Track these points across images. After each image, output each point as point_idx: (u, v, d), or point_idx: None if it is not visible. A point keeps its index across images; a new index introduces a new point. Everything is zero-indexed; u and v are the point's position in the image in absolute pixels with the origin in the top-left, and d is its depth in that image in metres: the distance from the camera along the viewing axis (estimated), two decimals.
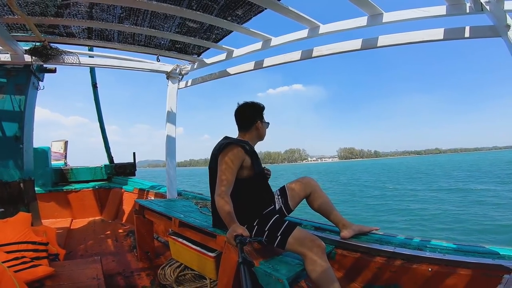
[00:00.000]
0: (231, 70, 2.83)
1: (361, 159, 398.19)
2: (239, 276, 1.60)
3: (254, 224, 1.69)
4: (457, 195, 16.03)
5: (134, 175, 5.02)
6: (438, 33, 1.60)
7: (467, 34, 1.50)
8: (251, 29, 2.23)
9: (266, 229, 1.65)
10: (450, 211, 11.70)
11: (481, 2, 1.31)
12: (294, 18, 1.93)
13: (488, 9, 1.32)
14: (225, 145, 1.72)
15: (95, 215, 4.31)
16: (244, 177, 1.72)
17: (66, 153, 6.37)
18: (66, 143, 6.44)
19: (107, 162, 5.14)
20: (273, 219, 1.69)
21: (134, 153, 5.18)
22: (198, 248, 2.06)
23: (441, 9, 1.51)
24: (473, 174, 30.06)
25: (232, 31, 2.33)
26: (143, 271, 2.36)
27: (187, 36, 2.49)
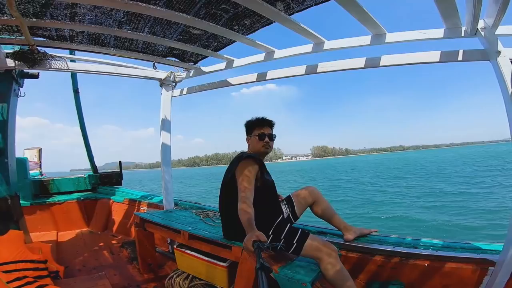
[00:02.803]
0: (232, 80, 2.82)
1: (333, 157, 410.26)
2: (256, 285, 1.66)
3: (270, 233, 1.77)
4: None
5: (121, 184, 4.83)
6: (435, 55, 1.76)
7: (460, 58, 1.67)
8: (255, 41, 2.26)
9: (282, 238, 1.74)
10: None
11: (478, 28, 1.48)
12: (300, 32, 1.99)
13: (482, 34, 1.50)
14: (241, 159, 1.83)
15: (81, 227, 4.11)
16: (257, 189, 1.80)
17: (40, 162, 5.93)
18: (40, 151, 5.93)
19: (90, 172, 4.87)
20: (287, 228, 1.79)
21: (120, 162, 4.97)
22: (208, 259, 2.08)
23: (439, 32, 1.67)
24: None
25: (235, 41, 2.35)
26: (149, 283, 2.33)
27: (187, 43, 2.45)
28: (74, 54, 3.51)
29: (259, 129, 1.99)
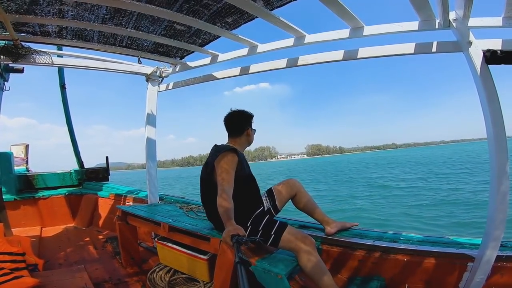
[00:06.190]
0: (216, 74, 2.83)
1: (328, 155, 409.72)
2: (235, 276, 1.66)
3: (248, 224, 1.77)
4: None
5: (108, 180, 4.78)
6: (410, 47, 1.79)
7: (434, 49, 1.70)
8: (238, 35, 2.27)
9: (260, 229, 1.74)
10: None
11: (450, 20, 1.50)
12: (282, 27, 2.01)
13: (455, 26, 1.53)
14: (219, 152, 1.81)
15: (67, 223, 4.05)
16: (236, 181, 1.80)
17: (27, 158, 5.87)
18: (27, 147, 5.90)
19: (76, 167, 4.83)
20: (265, 219, 1.79)
21: (107, 157, 4.94)
22: (189, 252, 2.07)
23: (414, 25, 1.69)
24: None
25: (220, 36, 2.36)
26: (131, 277, 2.31)
27: (172, 39, 2.46)
28: (61, 50, 3.50)
29: (251, 123, 2.04)
